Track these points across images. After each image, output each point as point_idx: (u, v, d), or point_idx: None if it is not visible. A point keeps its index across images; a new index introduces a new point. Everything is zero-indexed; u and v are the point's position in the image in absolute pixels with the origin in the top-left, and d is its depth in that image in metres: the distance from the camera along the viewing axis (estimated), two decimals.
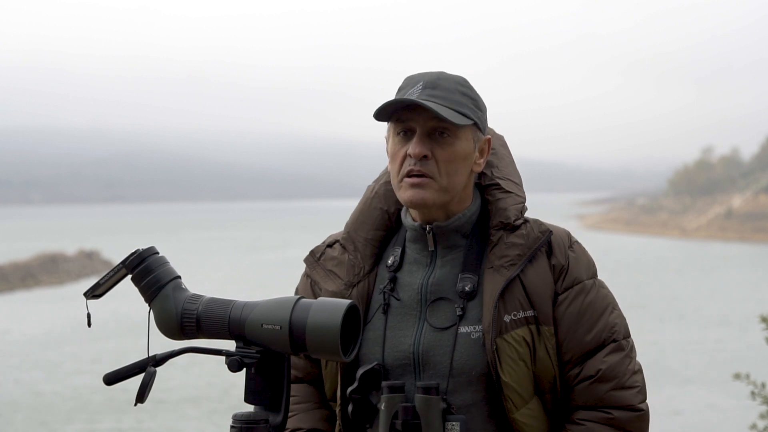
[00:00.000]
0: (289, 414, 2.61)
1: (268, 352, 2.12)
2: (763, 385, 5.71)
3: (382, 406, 2.45)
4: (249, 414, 2.11)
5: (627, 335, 2.56)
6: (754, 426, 5.72)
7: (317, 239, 2.94)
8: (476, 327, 2.49)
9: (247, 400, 2.14)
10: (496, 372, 2.45)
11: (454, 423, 2.43)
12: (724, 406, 20.01)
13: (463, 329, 2.50)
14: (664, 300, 38.81)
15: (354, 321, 2.14)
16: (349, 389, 2.51)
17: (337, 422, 2.61)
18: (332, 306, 2.09)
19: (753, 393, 5.72)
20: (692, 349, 27.53)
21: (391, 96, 2.58)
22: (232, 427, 2.10)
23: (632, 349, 2.56)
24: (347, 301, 2.11)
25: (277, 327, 2.09)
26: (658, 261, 60.20)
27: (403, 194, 2.54)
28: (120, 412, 20.30)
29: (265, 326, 2.10)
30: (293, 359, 2.66)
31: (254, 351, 2.12)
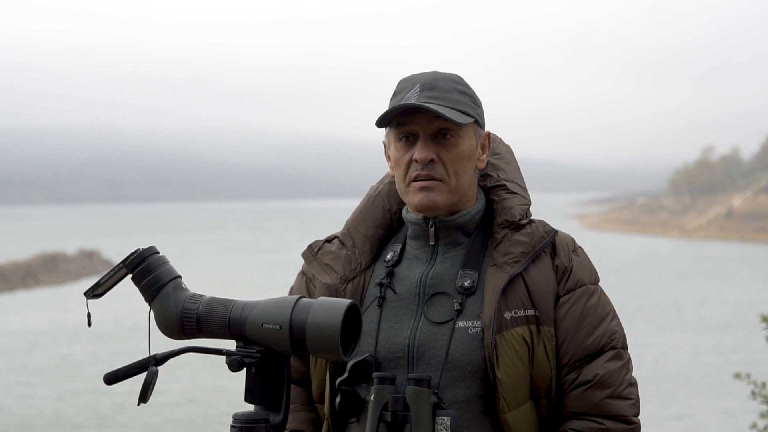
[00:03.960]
0: None
1: (269, 352, 2.12)
2: (764, 385, 5.72)
3: (371, 397, 2.43)
4: (249, 414, 2.11)
5: (625, 346, 2.55)
6: (754, 425, 5.72)
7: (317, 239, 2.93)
8: (474, 322, 2.48)
9: (248, 399, 2.14)
10: (492, 368, 2.44)
11: (444, 417, 2.40)
12: (725, 409, 19.95)
13: (460, 324, 2.48)
14: (664, 301, 38.80)
15: (354, 321, 2.14)
16: (339, 380, 2.48)
17: (325, 422, 2.59)
18: (332, 306, 2.09)
19: (753, 393, 5.73)
20: (692, 351, 27.51)
21: (385, 98, 2.57)
22: (232, 426, 2.10)
23: (629, 361, 2.54)
24: (348, 301, 2.10)
25: (278, 327, 2.09)
26: (658, 261, 60.18)
27: (412, 198, 2.54)
28: (105, 418, 20.22)
29: (265, 326, 2.10)
30: None
31: (254, 351, 2.12)
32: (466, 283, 2.51)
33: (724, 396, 20.63)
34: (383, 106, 2.58)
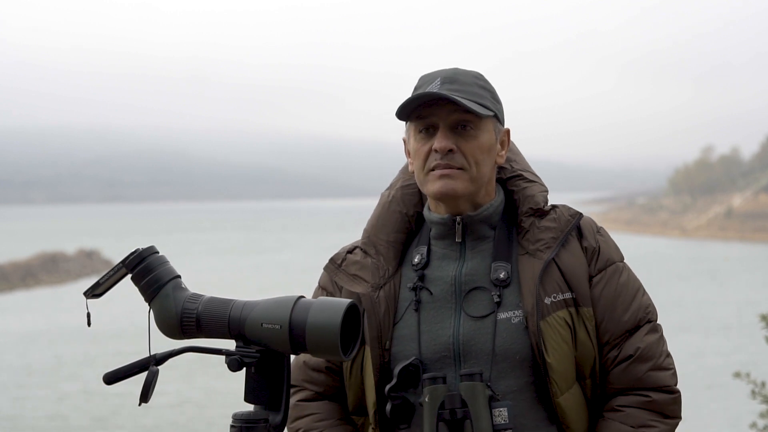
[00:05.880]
0: None
1: (268, 352, 2.12)
2: (764, 384, 5.73)
3: (426, 399, 2.44)
4: (249, 413, 2.11)
5: (658, 319, 2.61)
6: (754, 425, 5.73)
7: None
8: (515, 312, 2.51)
9: (247, 399, 2.14)
10: (541, 355, 2.47)
11: (501, 409, 2.43)
12: (725, 409, 19.91)
13: (501, 315, 2.51)
14: (664, 301, 38.77)
15: (354, 320, 2.14)
16: (388, 387, 2.49)
17: (370, 428, 2.60)
18: (332, 305, 2.09)
19: (753, 392, 5.74)
20: (692, 351, 27.48)
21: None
22: (231, 426, 2.10)
23: (663, 333, 2.60)
24: (347, 300, 2.10)
25: (277, 326, 2.09)
26: (658, 261, 60.17)
27: (432, 186, 2.55)
28: (103, 420, 20.16)
29: (265, 325, 2.10)
30: (314, 376, 2.67)
31: (254, 350, 2.11)
32: (501, 275, 2.54)
33: (724, 396, 20.60)
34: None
